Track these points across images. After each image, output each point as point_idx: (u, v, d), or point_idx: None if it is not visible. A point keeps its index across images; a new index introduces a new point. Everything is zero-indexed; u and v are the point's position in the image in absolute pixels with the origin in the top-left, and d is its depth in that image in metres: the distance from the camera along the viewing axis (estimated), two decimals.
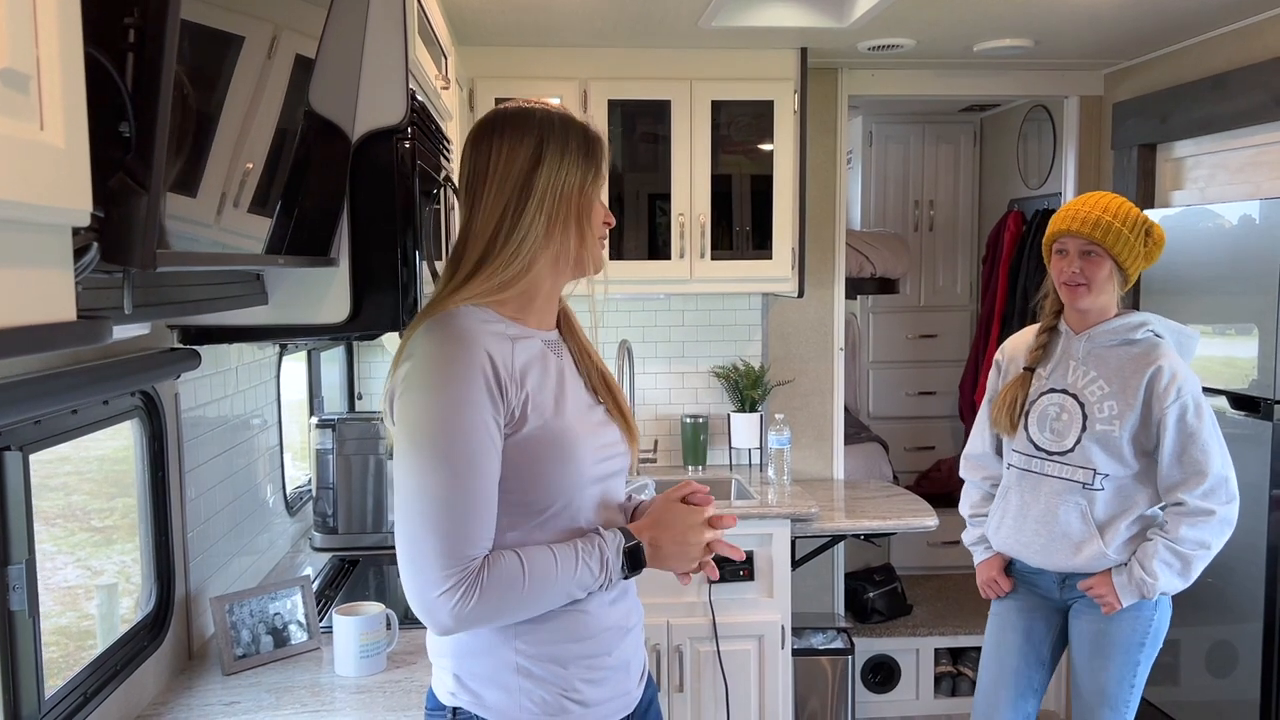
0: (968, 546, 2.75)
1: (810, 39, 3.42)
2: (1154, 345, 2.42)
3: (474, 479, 1.33)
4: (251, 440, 2.51)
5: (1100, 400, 2.42)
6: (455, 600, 1.31)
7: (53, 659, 1.79)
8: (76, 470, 2.11)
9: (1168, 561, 2.36)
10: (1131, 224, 2.41)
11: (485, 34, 3.30)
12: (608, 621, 1.48)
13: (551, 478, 1.41)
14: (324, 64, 1.62)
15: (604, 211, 1.53)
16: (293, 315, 1.87)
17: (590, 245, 1.50)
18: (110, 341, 1.60)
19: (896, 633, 4.07)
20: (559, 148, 1.45)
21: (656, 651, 3.23)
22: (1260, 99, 3.08)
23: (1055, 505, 2.46)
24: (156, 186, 0.90)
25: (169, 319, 1.79)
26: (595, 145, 1.50)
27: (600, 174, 1.50)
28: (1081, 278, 2.41)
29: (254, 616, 2.08)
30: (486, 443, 1.35)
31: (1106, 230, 2.38)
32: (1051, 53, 3.63)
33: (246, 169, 1.39)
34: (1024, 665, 2.60)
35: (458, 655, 1.45)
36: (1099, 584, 2.43)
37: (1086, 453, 2.42)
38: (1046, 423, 2.49)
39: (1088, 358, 2.46)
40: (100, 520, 2.19)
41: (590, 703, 1.46)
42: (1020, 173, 4.89)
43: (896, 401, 5.30)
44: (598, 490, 1.49)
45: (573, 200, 1.46)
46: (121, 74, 0.96)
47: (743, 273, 3.58)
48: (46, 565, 2.01)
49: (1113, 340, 2.44)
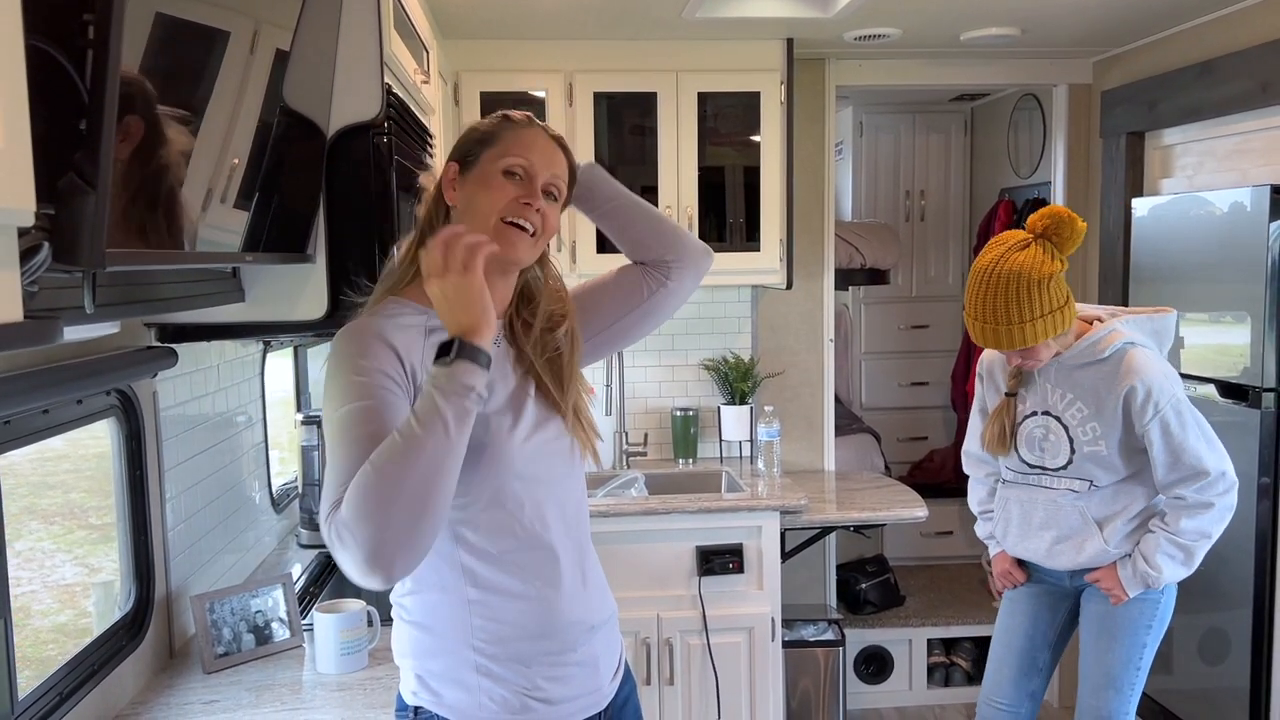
0: (982, 540, 2.77)
1: (795, 29, 3.41)
2: (1123, 359, 2.38)
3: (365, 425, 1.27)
4: (236, 437, 2.50)
5: (1082, 424, 2.43)
6: (328, 516, 1.23)
7: (51, 657, 1.78)
8: (75, 468, 2.10)
9: (1170, 554, 2.38)
10: (1038, 303, 2.28)
11: (469, 27, 3.29)
12: (570, 617, 1.45)
13: (469, 463, 1.32)
14: (298, 58, 1.60)
15: (507, 191, 1.41)
16: (270, 312, 1.87)
17: (479, 223, 1.40)
18: (82, 340, 1.60)
19: (889, 623, 4.06)
20: (461, 138, 1.47)
21: (646, 645, 3.23)
22: (1247, 85, 3.07)
23: (1055, 511, 2.50)
24: (104, 185, 0.89)
25: (139, 317, 1.78)
26: (497, 124, 1.46)
27: (495, 144, 1.43)
28: (1029, 362, 2.41)
29: (235, 614, 2.08)
30: (386, 398, 1.30)
31: (1023, 335, 2.30)
32: (1039, 41, 3.62)
33: (232, 164, 1.39)
34: (1029, 645, 2.64)
35: (418, 655, 1.44)
36: (1105, 577, 2.46)
37: (1082, 469, 2.45)
38: (1035, 444, 2.51)
39: (1061, 381, 2.46)
40: (98, 518, 2.19)
41: (555, 700, 1.44)
42: (1011, 162, 4.88)
43: (889, 392, 5.29)
44: (533, 487, 1.43)
45: (452, 180, 1.45)
46: (80, 71, 0.94)
47: (731, 265, 3.57)
48: (46, 563, 2.01)
49: (1082, 360, 2.43)
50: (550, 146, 1.47)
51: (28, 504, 1.91)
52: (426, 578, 1.42)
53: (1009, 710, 2.66)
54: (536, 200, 1.41)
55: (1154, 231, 3.45)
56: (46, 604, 1.98)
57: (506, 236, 1.40)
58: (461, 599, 1.41)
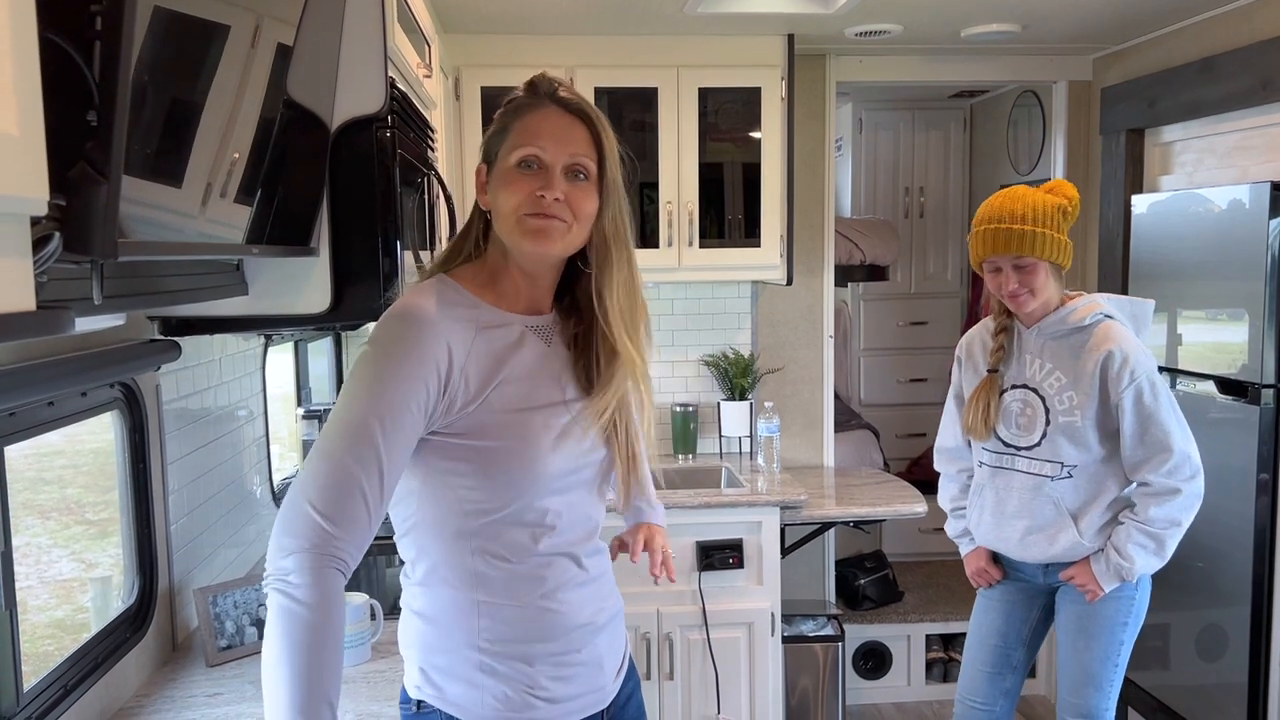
0: (953, 539, 2.77)
1: (796, 25, 3.41)
2: (1104, 329, 2.42)
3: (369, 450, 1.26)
4: (237, 431, 2.50)
5: (1059, 392, 2.44)
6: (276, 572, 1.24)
7: (48, 652, 1.78)
8: (71, 463, 2.10)
9: (1141, 544, 2.38)
10: (1049, 219, 2.38)
11: (470, 22, 3.29)
12: (579, 619, 1.43)
13: (499, 473, 1.33)
14: (302, 52, 1.60)
15: (523, 186, 1.35)
16: (273, 306, 1.86)
17: (505, 224, 1.36)
18: (87, 332, 1.60)
19: (888, 619, 4.08)
20: (496, 119, 1.42)
21: (646, 640, 3.23)
22: (1247, 82, 3.08)
23: (1028, 499, 2.49)
24: (116, 175, 0.89)
25: (145, 310, 1.78)
26: (508, 111, 1.40)
27: (507, 137, 1.38)
28: (1022, 289, 2.41)
29: (238, 608, 2.08)
30: (404, 421, 1.29)
31: (1033, 242, 2.36)
32: (1039, 38, 3.62)
33: (233, 159, 1.38)
34: (1003, 643, 2.65)
35: (423, 650, 1.42)
36: (1079, 573, 2.46)
37: (1054, 445, 2.45)
38: (1011, 418, 2.51)
39: (1042, 350, 2.47)
40: (95, 513, 2.19)
41: (558, 699, 1.42)
42: (1010, 158, 4.89)
43: (888, 388, 5.30)
44: (562, 499, 1.40)
45: (483, 184, 1.41)
46: (89, 62, 0.95)
47: (731, 261, 3.58)
48: (42, 559, 2.01)
49: (1062, 330, 2.45)
50: (564, 122, 1.37)
51: (24, 499, 1.91)
52: (438, 573, 1.39)
53: (984, 709, 2.66)
54: (552, 190, 1.33)
55: (1153, 228, 3.45)
56: (43, 599, 1.97)
57: (534, 232, 1.34)
58: (470, 599, 1.38)
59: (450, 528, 1.37)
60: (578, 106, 1.39)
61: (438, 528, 1.38)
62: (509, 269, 1.41)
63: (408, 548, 1.43)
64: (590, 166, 1.37)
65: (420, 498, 1.38)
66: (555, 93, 1.40)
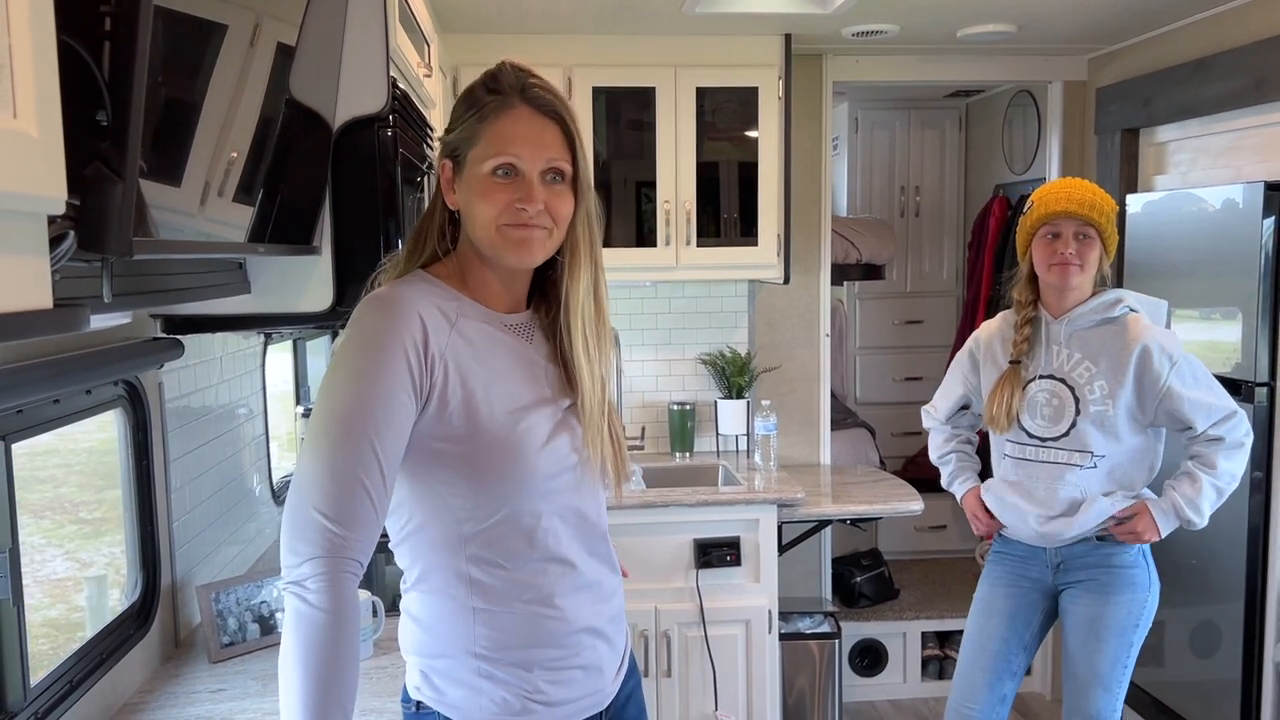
0: (948, 488, 2.77)
1: (794, 25, 3.42)
2: (1133, 321, 2.45)
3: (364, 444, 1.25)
4: (237, 429, 2.51)
5: (1089, 381, 2.43)
6: (292, 578, 1.24)
7: (43, 651, 1.79)
8: (65, 463, 2.10)
9: (1212, 500, 2.40)
10: (1112, 211, 2.46)
11: (468, 21, 3.30)
12: (578, 623, 1.41)
13: (487, 478, 1.32)
14: (304, 52, 1.61)
15: (499, 196, 1.31)
16: (276, 304, 1.87)
17: (483, 232, 1.33)
18: (91, 330, 1.61)
19: (884, 617, 4.09)
20: (448, 126, 1.37)
21: (644, 637, 3.25)
22: (1241, 83, 3.10)
23: (1055, 489, 2.47)
24: (132, 174, 0.90)
25: (151, 308, 1.79)
26: (476, 113, 1.34)
27: (478, 143, 1.33)
28: (1077, 259, 2.42)
29: (240, 605, 2.09)
30: (395, 410, 1.27)
31: (1101, 212, 2.43)
32: (1035, 38, 3.64)
33: (231, 158, 1.39)
34: (1004, 649, 2.60)
35: (423, 653, 1.42)
36: (1137, 521, 2.42)
37: (1082, 435, 2.44)
38: (1038, 409, 2.49)
39: (1070, 340, 2.47)
40: (89, 512, 2.19)
41: (556, 702, 1.41)
42: (1005, 158, 4.91)
43: (884, 387, 5.32)
44: (555, 500, 1.38)
45: (450, 181, 1.37)
46: (98, 62, 0.96)
47: (729, 259, 3.59)
48: (36, 558, 2.00)
49: (1092, 320, 2.46)
50: (537, 123, 1.34)
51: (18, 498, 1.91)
52: (433, 581, 1.39)
53: (981, 718, 2.59)
54: (534, 203, 1.31)
55: (1148, 228, 3.48)
56: (38, 599, 1.98)
57: (517, 243, 1.33)
58: (466, 607, 1.37)
59: (444, 536, 1.36)
60: (550, 105, 1.36)
61: (432, 536, 1.37)
62: (483, 269, 1.39)
63: (403, 556, 1.42)
64: (566, 168, 1.36)
65: (412, 507, 1.37)
66: (525, 89, 1.35)
